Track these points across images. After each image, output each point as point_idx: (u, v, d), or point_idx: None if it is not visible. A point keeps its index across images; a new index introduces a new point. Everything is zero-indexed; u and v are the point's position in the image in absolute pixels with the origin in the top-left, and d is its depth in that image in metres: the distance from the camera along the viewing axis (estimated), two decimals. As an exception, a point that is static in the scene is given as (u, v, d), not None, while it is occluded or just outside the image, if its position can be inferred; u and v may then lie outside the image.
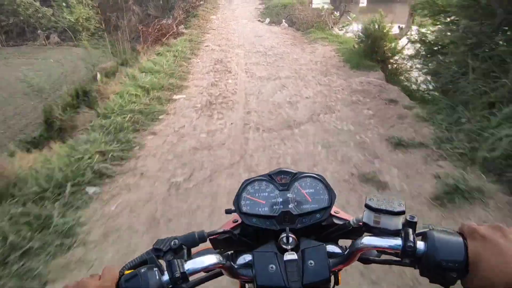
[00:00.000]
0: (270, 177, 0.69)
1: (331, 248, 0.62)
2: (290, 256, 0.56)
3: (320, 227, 0.68)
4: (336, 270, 0.60)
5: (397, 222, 0.54)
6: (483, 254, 0.45)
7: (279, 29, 9.47)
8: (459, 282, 0.48)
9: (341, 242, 0.67)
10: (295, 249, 0.58)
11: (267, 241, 0.62)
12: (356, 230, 0.63)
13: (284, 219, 0.64)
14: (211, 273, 0.62)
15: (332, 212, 0.68)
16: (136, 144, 3.39)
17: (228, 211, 0.70)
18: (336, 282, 0.66)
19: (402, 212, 0.54)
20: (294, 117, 3.92)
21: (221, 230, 0.65)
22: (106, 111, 3.99)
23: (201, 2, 14.59)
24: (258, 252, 0.58)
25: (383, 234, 0.54)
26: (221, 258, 0.56)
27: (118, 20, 11.88)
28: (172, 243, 0.54)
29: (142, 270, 0.49)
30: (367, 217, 0.57)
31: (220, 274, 0.63)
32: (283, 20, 10.01)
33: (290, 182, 0.68)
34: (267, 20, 10.69)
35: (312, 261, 0.55)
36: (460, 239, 0.49)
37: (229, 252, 0.65)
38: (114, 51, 8.70)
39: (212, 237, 0.64)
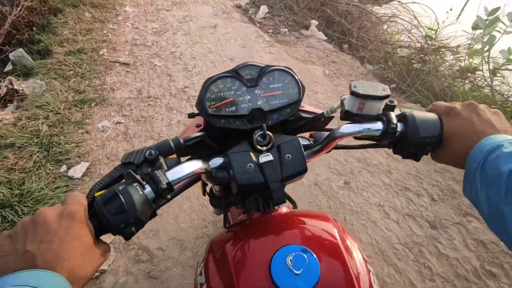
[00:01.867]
0: (236, 73, 0.65)
1: (302, 141, 0.63)
2: (266, 158, 0.56)
3: (288, 122, 0.68)
4: (310, 161, 0.62)
5: (380, 107, 0.57)
6: (456, 128, 0.52)
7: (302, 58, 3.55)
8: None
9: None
10: (269, 149, 0.59)
11: (237, 143, 0.60)
12: (323, 123, 0.68)
13: (254, 117, 0.63)
14: (191, 179, 0.62)
15: None
16: None
17: (191, 115, 0.67)
18: None
19: (387, 96, 0.56)
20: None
21: (195, 135, 0.59)
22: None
23: None
24: (233, 153, 0.57)
25: (363, 120, 0.57)
26: (202, 164, 0.54)
27: None
28: (147, 153, 0.50)
29: (121, 188, 0.45)
30: (351, 104, 0.58)
31: (198, 179, 0.65)
32: (312, 22, 3.94)
33: (258, 77, 0.65)
34: (262, 10, 4.41)
35: (289, 155, 0.57)
36: (436, 117, 0.55)
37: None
38: None
39: (187, 143, 0.58)
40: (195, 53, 3.51)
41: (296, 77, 0.66)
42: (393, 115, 0.55)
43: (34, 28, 3.72)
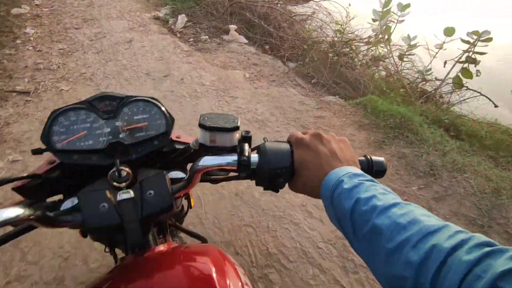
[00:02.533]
0: (90, 104, 0.59)
1: (175, 174, 0.61)
2: (125, 195, 0.52)
3: (162, 154, 0.65)
4: (181, 196, 0.61)
5: (233, 138, 0.58)
6: (305, 160, 0.53)
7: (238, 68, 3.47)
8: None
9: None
10: (131, 185, 0.55)
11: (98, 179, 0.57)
12: (200, 152, 0.63)
13: (115, 151, 0.58)
14: (17, 229, 0.54)
15: (173, 137, 0.66)
16: None
17: (36, 151, 0.59)
18: (189, 206, 0.70)
19: (236, 128, 0.57)
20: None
21: (21, 175, 0.54)
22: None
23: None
24: (84, 193, 0.52)
25: (221, 152, 0.57)
26: (24, 210, 0.45)
27: None
28: None
29: None
30: (202, 137, 0.59)
31: (30, 228, 0.54)
32: (231, 27, 3.91)
33: (118, 109, 0.60)
34: (180, 20, 4.29)
35: (151, 191, 0.53)
36: (288, 147, 0.55)
37: (53, 200, 0.58)
38: None
39: (13, 185, 0.54)
40: (108, 72, 3.27)
41: (163, 108, 0.62)
42: (246, 146, 0.54)
43: None
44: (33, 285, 1.62)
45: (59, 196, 0.61)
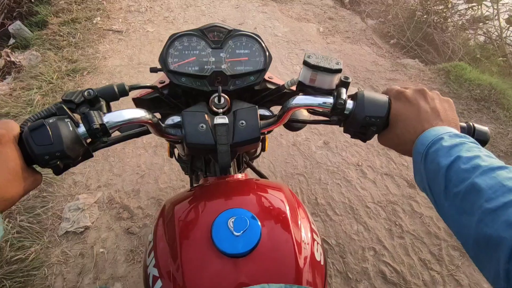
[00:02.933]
0: (202, 33, 0.64)
1: (262, 111, 0.65)
2: (221, 120, 0.56)
3: (253, 91, 0.68)
4: (266, 132, 0.62)
5: (332, 81, 0.56)
6: (403, 113, 0.51)
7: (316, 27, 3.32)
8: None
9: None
10: (226, 112, 0.59)
11: (198, 102, 0.61)
12: (288, 95, 0.65)
13: (216, 80, 0.63)
14: (136, 130, 0.61)
15: (265, 77, 0.68)
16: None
17: (153, 70, 0.67)
18: (263, 149, 0.73)
19: (339, 71, 0.55)
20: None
21: (145, 84, 0.59)
22: None
23: None
24: (188, 111, 0.57)
25: (316, 93, 0.57)
26: (146, 113, 0.52)
27: None
28: (86, 93, 0.49)
29: (50, 121, 0.44)
30: (303, 75, 0.57)
31: (147, 132, 0.61)
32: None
33: (224, 40, 0.64)
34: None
35: (243, 121, 0.56)
36: (386, 98, 0.53)
37: (155, 114, 0.58)
38: None
39: (135, 92, 0.59)
40: (188, 17, 3.45)
41: (264, 45, 0.64)
42: (343, 91, 0.54)
43: (33, 1, 3.79)
44: (116, 192, 1.98)
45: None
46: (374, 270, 1.55)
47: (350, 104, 0.54)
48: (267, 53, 0.64)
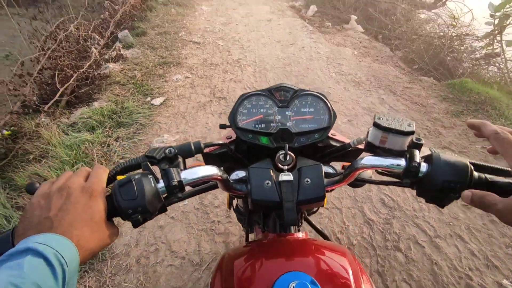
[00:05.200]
0: (270, 93, 0.66)
1: (326, 168, 0.62)
2: (286, 177, 0.55)
3: (316, 148, 0.68)
4: (329, 190, 0.60)
5: (404, 143, 0.54)
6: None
7: (351, 53, 4.14)
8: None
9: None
10: (291, 169, 0.58)
11: (263, 158, 0.61)
12: (353, 153, 0.67)
13: (281, 137, 0.64)
14: (206, 185, 0.62)
15: (329, 134, 0.67)
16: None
17: (222, 126, 0.68)
18: (322, 204, 0.63)
19: (412, 133, 0.53)
20: None
21: (218, 142, 0.62)
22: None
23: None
24: (254, 168, 0.57)
25: (386, 155, 0.55)
26: (217, 171, 0.54)
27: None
28: (167, 151, 0.52)
29: (137, 177, 0.47)
30: (373, 135, 0.56)
31: (215, 187, 0.62)
32: (352, 17, 4.60)
33: (290, 99, 0.66)
34: (311, 9, 5.21)
35: (308, 179, 0.56)
36: (465, 161, 0.49)
37: (222, 168, 0.59)
38: None
39: (207, 149, 0.62)
40: (250, 38, 4.44)
41: (329, 104, 0.66)
42: (417, 153, 0.53)
43: (135, 19, 5.07)
44: (189, 136, 2.73)
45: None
46: (376, 197, 2.09)
47: (424, 166, 0.52)
48: (332, 111, 0.65)
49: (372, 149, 0.57)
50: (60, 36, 3.69)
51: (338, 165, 0.68)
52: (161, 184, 0.49)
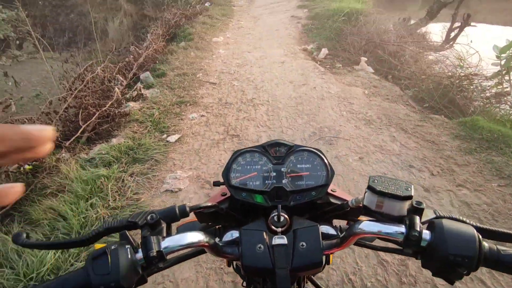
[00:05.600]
0: (264, 149, 0.65)
1: (325, 229, 0.59)
2: (279, 240, 0.52)
3: (315, 205, 0.65)
4: (328, 254, 0.55)
5: (402, 207, 0.51)
6: None
7: (362, 94, 4.24)
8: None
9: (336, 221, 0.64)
10: (285, 231, 0.55)
11: (258, 217, 0.60)
12: (353, 211, 0.61)
13: (276, 195, 0.61)
14: (193, 250, 0.62)
15: (328, 190, 0.63)
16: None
17: (216, 183, 0.67)
18: (327, 262, 0.60)
19: (409, 197, 0.50)
20: None
21: (206, 205, 0.59)
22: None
23: (205, 5, 9.60)
24: (246, 230, 0.55)
25: (384, 220, 0.51)
26: (203, 237, 0.52)
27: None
28: (149, 217, 0.50)
29: (113, 247, 0.45)
30: (369, 199, 0.53)
31: (203, 251, 0.61)
32: (362, 58, 4.76)
33: (286, 156, 0.65)
34: (323, 52, 5.42)
35: (304, 243, 0.52)
36: (472, 230, 0.45)
37: (217, 227, 0.63)
38: None
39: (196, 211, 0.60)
40: (264, 78, 4.64)
41: (326, 160, 0.64)
42: (417, 220, 0.49)
43: (157, 62, 5.43)
44: (202, 173, 2.78)
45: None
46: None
47: (426, 234, 0.47)
48: (329, 168, 0.63)
49: (370, 213, 0.54)
50: (88, 78, 3.98)
51: (343, 222, 0.66)
52: (140, 254, 0.46)
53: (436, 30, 6.91)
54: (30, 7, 8.36)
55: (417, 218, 0.49)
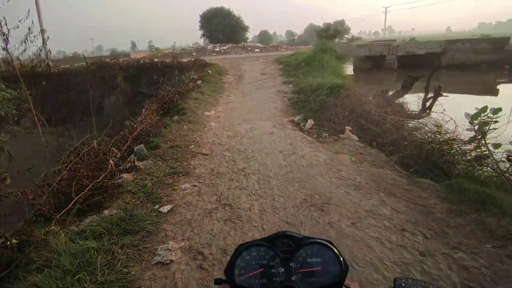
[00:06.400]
0: (271, 242, 0.61)
1: None
2: None
3: None
4: None
5: None
6: None
7: (349, 159, 4.46)
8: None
9: None
10: None
11: None
12: None
13: None
14: None
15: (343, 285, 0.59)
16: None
17: (217, 282, 0.62)
18: None
19: None
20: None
21: None
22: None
23: (197, 83, 10.40)
24: None
25: None
26: None
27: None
28: None
29: None
30: None
31: None
32: (346, 128, 5.10)
33: (294, 249, 0.60)
34: (309, 122, 5.80)
35: None
36: None
37: None
38: None
39: None
40: (254, 149, 4.85)
41: (338, 253, 0.61)
42: None
43: (151, 135, 5.68)
44: (194, 243, 2.74)
45: None
46: None
47: None
48: (343, 263, 0.60)
49: None
50: (84, 151, 4.11)
51: None
52: None
53: (412, 100, 7.54)
54: (33, 86, 8.95)
55: None
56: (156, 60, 18.65)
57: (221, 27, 44.91)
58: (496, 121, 3.39)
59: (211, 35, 46.15)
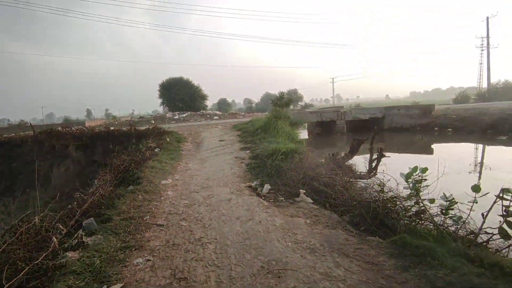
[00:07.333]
0: None
1: None
2: None
3: None
4: None
5: None
6: None
7: (306, 228, 4.61)
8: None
9: None
10: None
11: None
12: None
13: None
14: None
15: None
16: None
17: None
18: None
19: None
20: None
21: None
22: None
23: (155, 151, 10.41)
24: None
25: None
26: None
27: None
28: None
29: None
30: None
31: None
32: (301, 191, 5.35)
33: None
34: (266, 187, 5.99)
35: None
36: None
37: None
38: None
39: None
40: (212, 216, 4.84)
41: None
42: None
43: (103, 207, 5.43)
44: None
45: None
46: None
47: None
48: None
49: None
50: (22, 229, 3.81)
51: None
52: None
53: (360, 162, 8.18)
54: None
55: None
56: (112, 128, 18.50)
57: (181, 95, 46.61)
58: (425, 179, 3.84)
59: (170, 103, 47.45)
